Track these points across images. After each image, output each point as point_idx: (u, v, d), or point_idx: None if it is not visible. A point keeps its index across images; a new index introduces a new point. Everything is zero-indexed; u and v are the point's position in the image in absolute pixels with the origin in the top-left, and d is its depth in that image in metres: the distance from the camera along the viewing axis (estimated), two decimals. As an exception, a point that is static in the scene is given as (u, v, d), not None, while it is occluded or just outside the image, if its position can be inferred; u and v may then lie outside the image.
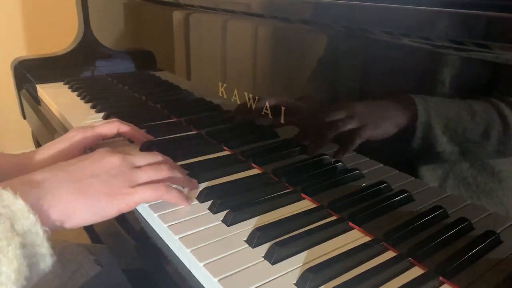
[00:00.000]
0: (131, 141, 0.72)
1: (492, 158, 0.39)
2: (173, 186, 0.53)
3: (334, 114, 0.52)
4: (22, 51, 1.19)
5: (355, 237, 0.47)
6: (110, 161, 0.49)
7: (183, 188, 0.55)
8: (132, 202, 0.47)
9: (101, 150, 0.52)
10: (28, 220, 0.38)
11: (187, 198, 0.53)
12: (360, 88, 0.51)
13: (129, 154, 0.52)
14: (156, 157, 0.54)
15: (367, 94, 0.50)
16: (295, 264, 0.43)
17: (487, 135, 0.38)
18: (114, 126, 0.66)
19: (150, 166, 0.51)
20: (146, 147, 0.68)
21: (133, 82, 1.05)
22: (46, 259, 0.39)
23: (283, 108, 0.58)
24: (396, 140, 0.46)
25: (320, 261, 0.43)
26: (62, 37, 1.31)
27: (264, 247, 0.45)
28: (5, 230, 0.36)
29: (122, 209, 0.47)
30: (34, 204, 0.40)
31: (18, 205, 0.38)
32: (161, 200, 0.51)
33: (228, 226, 0.48)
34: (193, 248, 0.44)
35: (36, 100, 1.03)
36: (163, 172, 0.51)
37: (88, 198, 0.45)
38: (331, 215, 0.52)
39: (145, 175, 0.50)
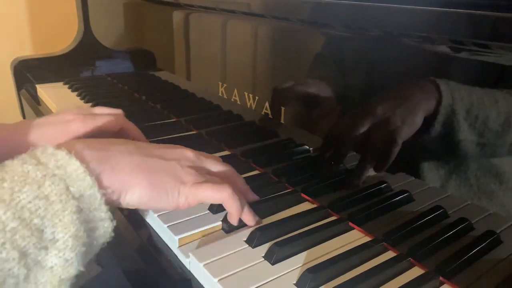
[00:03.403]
0: None
1: (492, 157, 0.39)
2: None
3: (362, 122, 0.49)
4: (22, 51, 1.19)
5: (355, 237, 0.47)
6: (183, 151, 0.46)
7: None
8: (193, 199, 0.44)
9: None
10: (84, 182, 0.35)
11: (253, 215, 0.47)
12: (364, 88, 0.51)
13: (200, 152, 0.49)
14: (227, 166, 0.51)
15: (373, 94, 0.50)
16: (295, 264, 0.43)
17: (507, 127, 0.37)
18: (119, 121, 0.56)
19: (217, 160, 0.49)
20: None
21: (133, 82, 1.05)
22: (106, 224, 0.36)
23: (283, 108, 0.58)
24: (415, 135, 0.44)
25: (320, 261, 0.43)
26: (63, 37, 1.30)
27: (264, 247, 0.45)
28: (60, 192, 0.33)
29: (181, 203, 0.43)
30: (94, 167, 0.37)
31: (73, 165, 0.35)
32: None
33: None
34: (193, 248, 0.44)
35: (36, 100, 1.03)
36: (229, 170, 0.49)
37: (152, 178, 0.41)
38: (331, 215, 0.52)
39: (212, 164, 0.47)
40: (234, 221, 0.47)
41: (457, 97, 0.40)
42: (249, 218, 0.47)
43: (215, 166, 0.49)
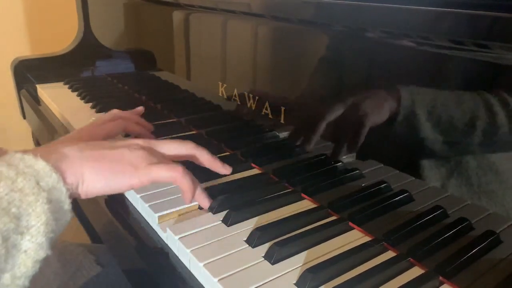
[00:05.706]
0: None
1: (491, 157, 0.39)
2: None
3: (332, 111, 0.53)
4: (22, 51, 1.19)
5: (355, 237, 0.47)
6: (132, 139, 0.51)
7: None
8: (146, 179, 0.46)
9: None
10: (51, 178, 0.39)
11: (206, 196, 0.51)
12: (361, 88, 0.51)
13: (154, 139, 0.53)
14: (186, 144, 0.53)
15: (368, 94, 0.50)
16: (295, 264, 0.43)
17: (475, 127, 0.39)
18: (120, 128, 0.63)
19: (173, 141, 0.52)
20: None
21: (133, 82, 1.05)
22: (67, 215, 0.41)
23: (283, 108, 0.58)
24: (390, 134, 0.47)
25: (320, 261, 0.43)
26: (63, 37, 1.30)
27: (264, 247, 0.45)
28: (32, 186, 0.38)
29: (134, 183, 0.46)
30: (55, 166, 0.41)
31: (40, 165, 0.40)
32: (163, 200, 0.52)
33: (228, 226, 0.48)
34: (193, 248, 0.44)
35: (36, 100, 1.03)
36: (187, 146, 0.52)
37: (101, 165, 0.45)
38: (331, 215, 0.52)
39: (165, 147, 0.51)
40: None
41: (418, 99, 0.43)
42: (201, 198, 0.51)
43: (169, 148, 0.52)
